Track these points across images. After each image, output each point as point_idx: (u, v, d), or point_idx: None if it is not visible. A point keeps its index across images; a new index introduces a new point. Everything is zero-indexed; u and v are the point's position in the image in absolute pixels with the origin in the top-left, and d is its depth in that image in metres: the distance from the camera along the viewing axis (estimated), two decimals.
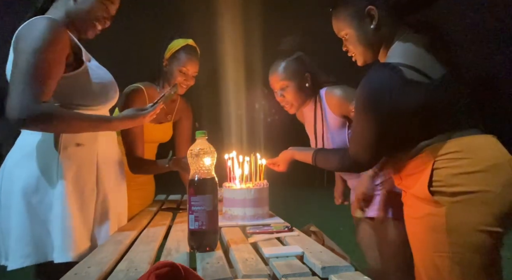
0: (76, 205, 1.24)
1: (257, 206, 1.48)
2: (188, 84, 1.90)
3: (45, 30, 1.15)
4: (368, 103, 1.09)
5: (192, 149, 1.09)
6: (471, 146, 1.06)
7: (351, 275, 0.85)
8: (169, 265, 0.72)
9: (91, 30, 1.35)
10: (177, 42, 1.87)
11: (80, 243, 1.23)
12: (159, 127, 1.96)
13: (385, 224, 1.61)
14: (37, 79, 1.13)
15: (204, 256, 1.03)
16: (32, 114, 1.11)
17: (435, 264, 1.07)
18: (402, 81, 1.03)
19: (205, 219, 1.06)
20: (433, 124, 1.07)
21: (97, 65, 1.37)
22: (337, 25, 1.25)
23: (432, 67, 1.07)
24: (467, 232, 1.02)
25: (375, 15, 1.15)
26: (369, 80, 1.09)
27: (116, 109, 1.86)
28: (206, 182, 1.08)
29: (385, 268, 1.62)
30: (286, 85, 1.66)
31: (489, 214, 1.01)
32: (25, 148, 1.26)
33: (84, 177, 1.28)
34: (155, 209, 1.88)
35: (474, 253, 1.02)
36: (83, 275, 0.87)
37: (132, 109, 1.39)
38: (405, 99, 1.04)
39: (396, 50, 1.13)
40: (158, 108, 1.41)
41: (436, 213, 1.05)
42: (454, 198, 1.04)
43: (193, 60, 1.87)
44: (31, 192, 1.21)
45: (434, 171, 1.06)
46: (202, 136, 1.12)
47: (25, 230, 1.20)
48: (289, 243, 1.15)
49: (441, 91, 1.06)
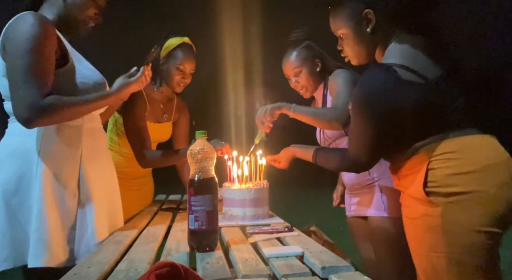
0: (54, 209, 1.21)
1: (257, 206, 1.48)
2: (185, 82, 1.90)
3: (34, 24, 1.15)
4: (364, 104, 1.09)
5: (192, 149, 1.09)
6: (466, 146, 1.05)
7: (351, 275, 0.85)
8: (169, 265, 0.72)
9: (84, 27, 1.34)
10: (173, 41, 1.87)
11: (56, 249, 1.19)
12: (158, 127, 1.96)
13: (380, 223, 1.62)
14: (35, 75, 1.12)
15: (204, 256, 1.03)
16: (39, 110, 1.11)
17: (433, 265, 1.07)
18: (397, 82, 1.04)
19: (205, 219, 1.06)
20: (429, 124, 1.07)
21: (87, 66, 1.34)
22: (334, 24, 1.26)
23: (428, 67, 1.07)
24: (463, 232, 1.02)
25: (372, 19, 1.15)
26: (365, 81, 1.09)
27: None
28: (206, 182, 1.08)
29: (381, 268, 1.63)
30: (300, 71, 1.77)
31: (485, 215, 1.01)
32: (7, 148, 1.25)
33: (65, 179, 1.24)
34: (155, 209, 1.88)
35: (471, 253, 1.02)
36: (83, 275, 0.88)
37: (121, 78, 1.36)
38: (401, 99, 1.04)
39: (392, 50, 1.13)
40: (146, 70, 1.39)
41: (432, 214, 1.05)
42: (449, 198, 1.03)
43: (189, 58, 1.87)
44: (10, 194, 1.19)
45: (429, 171, 1.06)
46: (202, 136, 1.12)
47: (4, 233, 1.17)
48: (289, 243, 1.15)
49: (436, 92, 1.05)
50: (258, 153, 1.64)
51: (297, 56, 1.76)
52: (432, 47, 1.10)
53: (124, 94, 1.37)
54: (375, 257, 1.65)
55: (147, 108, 1.86)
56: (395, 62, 1.06)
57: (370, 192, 1.66)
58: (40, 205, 1.18)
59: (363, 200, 1.71)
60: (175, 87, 1.89)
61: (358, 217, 1.77)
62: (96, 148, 1.37)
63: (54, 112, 1.15)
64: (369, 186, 1.66)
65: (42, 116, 1.13)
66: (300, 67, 1.76)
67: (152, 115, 1.91)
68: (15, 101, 1.14)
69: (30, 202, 1.19)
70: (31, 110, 1.11)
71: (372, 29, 1.15)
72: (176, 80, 1.86)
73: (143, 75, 1.38)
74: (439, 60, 1.09)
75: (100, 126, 1.44)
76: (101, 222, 1.31)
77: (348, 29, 1.20)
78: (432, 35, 1.12)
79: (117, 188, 1.48)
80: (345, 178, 1.80)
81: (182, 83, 1.89)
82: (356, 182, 1.72)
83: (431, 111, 1.06)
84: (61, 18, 1.29)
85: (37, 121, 1.14)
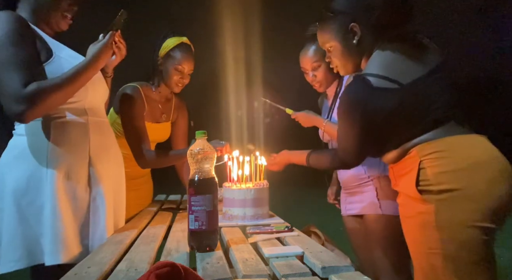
0: (67, 206, 1.22)
1: (257, 206, 1.48)
2: (183, 82, 1.90)
3: (6, 21, 1.15)
4: (345, 112, 1.20)
5: (192, 149, 1.09)
6: (455, 145, 1.11)
7: (351, 275, 0.85)
8: (169, 265, 0.72)
9: (62, 21, 1.33)
10: (171, 40, 1.87)
11: (72, 245, 1.21)
12: (157, 127, 1.96)
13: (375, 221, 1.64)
14: (14, 68, 1.12)
15: (204, 256, 1.03)
16: (24, 100, 1.10)
17: (429, 261, 1.10)
18: (371, 90, 1.13)
19: (205, 219, 1.06)
20: (411, 124, 1.14)
21: (73, 54, 1.33)
22: (322, 38, 1.34)
23: (405, 72, 1.15)
24: (456, 228, 1.06)
25: (357, 31, 1.23)
26: (345, 91, 1.21)
27: (111, 109, 1.86)
28: (206, 182, 1.08)
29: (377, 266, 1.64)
30: (319, 66, 1.78)
31: (476, 210, 1.05)
32: (15, 149, 1.25)
33: (75, 176, 1.25)
34: (155, 209, 1.88)
35: (466, 248, 1.05)
36: (83, 275, 0.88)
37: (91, 45, 1.31)
38: (376, 105, 1.13)
39: (372, 59, 1.21)
40: (113, 34, 1.33)
41: (426, 211, 1.10)
42: (440, 195, 1.08)
43: (188, 58, 1.87)
44: (20, 194, 1.19)
45: (421, 170, 1.11)
46: (202, 136, 1.12)
47: (15, 233, 1.18)
48: (289, 243, 1.15)
49: (412, 94, 1.13)
50: (258, 153, 1.64)
51: (317, 51, 1.75)
52: (411, 53, 1.18)
53: (100, 60, 1.28)
54: (371, 255, 1.67)
55: (146, 108, 1.86)
56: (372, 71, 1.16)
57: (365, 190, 1.69)
58: (53, 203, 1.19)
59: (358, 199, 1.73)
60: (173, 87, 1.89)
61: (354, 216, 1.79)
62: (104, 143, 1.38)
63: (40, 97, 1.12)
64: (364, 184, 1.69)
65: (30, 105, 1.11)
66: (319, 62, 1.76)
67: (151, 115, 1.91)
68: (2, 98, 1.13)
69: (40, 202, 1.20)
70: (17, 102, 1.10)
71: (358, 41, 1.24)
72: (175, 80, 1.86)
73: (112, 39, 1.31)
74: (418, 64, 1.17)
75: (106, 120, 1.44)
76: (110, 217, 1.34)
77: (335, 42, 1.29)
78: (411, 42, 1.22)
79: (123, 185, 1.49)
80: (341, 177, 1.83)
81: (181, 83, 1.89)
82: (352, 181, 1.74)
83: (410, 112, 1.13)
84: (37, 15, 1.29)
85: (28, 111, 1.12)
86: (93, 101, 1.36)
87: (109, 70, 1.49)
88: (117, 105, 1.82)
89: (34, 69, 1.16)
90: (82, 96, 1.29)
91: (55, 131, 1.24)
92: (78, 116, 1.29)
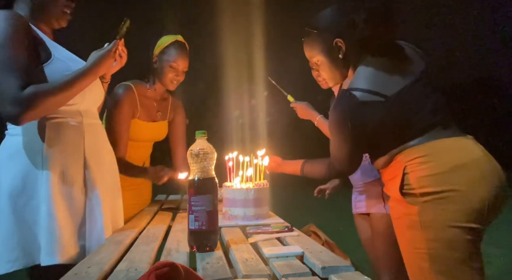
0: (63, 206, 1.21)
1: (257, 206, 1.48)
2: (178, 80, 1.91)
3: (3, 20, 1.14)
4: (334, 127, 1.26)
5: (192, 149, 1.09)
6: (436, 150, 1.15)
7: (351, 275, 0.86)
8: (169, 265, 0.72)
9: (62, 17, 1.33)
10: (166, 38, 1.88)
11: (68, 245, 1.20)
12: (153, 126, 1.95)
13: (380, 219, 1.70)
14: (11, 69, 1.11)
15: (204, 256, 1.03)
16: (21, 103, 1.09)
17: (416, 261, 1.15)
18: (357, 104, 1.17)
19: (205, 219, 1.06)
20: (399, 134, 1.18)
21: (74, 60, 1.32)
22: (309, 52, 1.37)
23: (389, 84, 1.18)
24: (440, 227, 1.10)
25: (342, 46, 1.27)
26: (333, 107, 1.25)
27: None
28: (206, 182, 1.08)
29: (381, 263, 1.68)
30: None
31: (458, 211, 1.09)
32: (9, 149, 1.24)
33: (71, 176, 1.25)
34: (155, 209, 1.88)
35: (450, 247, 1.09)
36: (83, 275, 0.88)
37: (94, 52, 1.30)
38: (362, 117, 1.17)
39: (357, 74, 1.24)
40: (117, 43, 1.32)
41: (410, 212, 1.14)
42: (423, 198, 1.12)
43: (183, 56, 1.87)
44: (16, 194, 1.19)
45: (405, 175, 1.16)
46: (202, 136, 1.12)
47: (11, 234, 1.17)
48: (289, 243, 1.15)
49: (398, 105, 1.17)
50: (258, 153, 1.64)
51: None
52: (395, 63, 1.23)
53: (101, 68, 1.28)
54: (376, 252, 1.70)
55: (138, 108, 1.86)
56: (357, 85, 1.20)
57: (374, 189, 1.73)
58: (48, 204, 1.18)
59: (367, 197, 1.77)
60: (168, 84, 1.90)
61: (363, 214, 1.83)
62: (98, 144, 1.38)
63: (37, 101, 1.11)
64: (373, 182, 1.73)
65: (26, 109, 1.10)
66: None
67: (146, 114, 1.91)
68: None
69: (36, 202, 1.19)
70: (14, 105, 1.09)
71: (343, 55, 1.28)
72: (169, 78, 1.87)
73: (115, 47, 1.31)
74: (401, 74, 1.20)
75: (99, 122, 1.44)
76: (107, 218, 1.33)
77: (322, 57, 1.33)
78: (395, 52, 1.27)
79: (118, 185, 1.48)
80: (351, 176, 1.87)
81: (175, 80, 1.89)
82: (360, 180, 1.78)
83: (396, 122, 1.17)
84: (35, 13, 1.28)
85: (23, 115, 1.11)
86: (89, 104, 1.36)
87: (107, 76, 1.49)
88: (108, 102, 1.80)
89: (32, 72, 1.16)
90: (79, 99, 1.28)
91: (50, 132, 1.23)
92: (73, 117, 1.28)
